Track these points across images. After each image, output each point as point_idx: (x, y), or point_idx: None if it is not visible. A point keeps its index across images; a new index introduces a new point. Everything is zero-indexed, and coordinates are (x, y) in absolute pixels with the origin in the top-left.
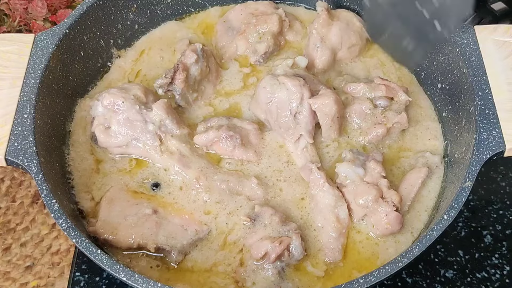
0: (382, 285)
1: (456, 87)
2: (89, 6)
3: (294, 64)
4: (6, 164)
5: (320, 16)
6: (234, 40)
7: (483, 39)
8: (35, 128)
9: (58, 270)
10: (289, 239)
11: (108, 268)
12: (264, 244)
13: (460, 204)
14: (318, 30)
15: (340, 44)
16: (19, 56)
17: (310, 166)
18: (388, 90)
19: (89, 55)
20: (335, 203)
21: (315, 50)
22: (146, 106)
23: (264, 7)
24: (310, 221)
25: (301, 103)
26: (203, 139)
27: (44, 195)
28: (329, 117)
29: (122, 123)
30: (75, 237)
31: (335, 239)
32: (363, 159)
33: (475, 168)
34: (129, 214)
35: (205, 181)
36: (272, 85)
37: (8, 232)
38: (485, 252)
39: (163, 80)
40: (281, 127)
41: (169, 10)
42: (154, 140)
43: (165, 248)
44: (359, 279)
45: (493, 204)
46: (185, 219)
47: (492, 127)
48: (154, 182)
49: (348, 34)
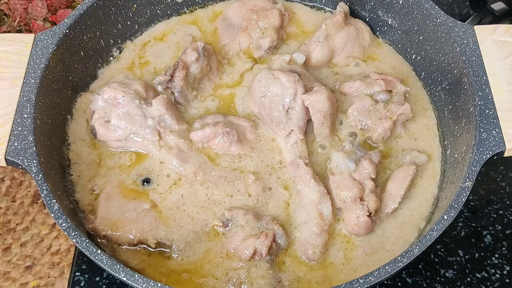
0: (382, 285)
1: (456, 87)
2: (89, 6)
3: (291, 60)
4: (6, 164)
5: (335, 15)
6: (237, 37)
7: (483, 39)
8: (35, 128)
9: (58, 270)
10: (272, 231)
11: (108, 268)
12: (249, 243)
13: (460, 204)
14: (328, 27)
15: (341, 49)
16: (19, 56)
17: (298, 162)
18: (387, 84)
19: (89, 55)
20: (319, 200)
21: (315, 44)
22: (146, 101)
23: (263, 3)
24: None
25: (294, 98)
26: (199, 136)
27: (44, 195)
28: (321, 113)
29: (121, 117)
30: (75, 237)
31: (316, 236)
32: (360, 155)
33: (475, 168)
34: (128, 209)
35: (202, 176)
36: (267, 79)
37: (8, 232)
38: (485, 252)
39: (163, 77)
40: (273, 121)
41: (169, 10)
42: (153, 134)
43: (166, 243)
44: (359, 279)
45: (493, 204)
46: (184, 214)
47: (492, 127)
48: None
49: (352, 44)
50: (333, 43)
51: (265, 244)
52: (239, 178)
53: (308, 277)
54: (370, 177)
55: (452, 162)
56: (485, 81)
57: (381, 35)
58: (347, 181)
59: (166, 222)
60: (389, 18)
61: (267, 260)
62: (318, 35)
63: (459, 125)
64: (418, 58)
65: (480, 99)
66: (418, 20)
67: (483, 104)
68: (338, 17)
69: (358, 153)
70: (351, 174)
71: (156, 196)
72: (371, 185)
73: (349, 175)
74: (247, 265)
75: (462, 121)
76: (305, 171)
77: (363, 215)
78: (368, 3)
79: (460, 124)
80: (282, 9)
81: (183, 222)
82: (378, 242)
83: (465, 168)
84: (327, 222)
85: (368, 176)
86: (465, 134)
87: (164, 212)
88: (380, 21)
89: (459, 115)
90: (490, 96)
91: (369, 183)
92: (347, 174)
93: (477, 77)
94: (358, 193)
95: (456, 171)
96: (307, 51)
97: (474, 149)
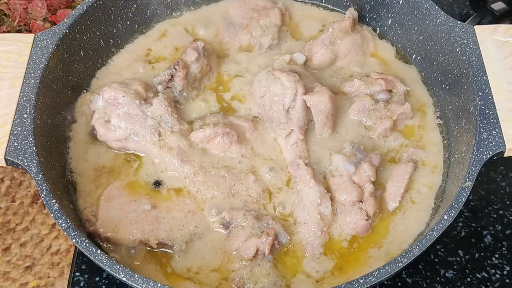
0: (382, 285)
1: (456, 87)
2: (89, 6)
3: (291, 60)
4: (6, 164)
5: (344, 20)
6: (238, 35)
7: (483, 39)
8: (35, 128)
9: (58, 270)
10: (273, 230)
11: (108, 268)
12: (251, 243)
13: (460, 204)
14: (335, 31)
15: (345, 55)
16: (19, 56)
17: (298, 162)
18: (387, 83)
19: (89, 55)
20: (320, 200)
21: (319, 46)
22: (146, 101)
23: (263, 2)
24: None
25: (294, 98)
26: (200, 136)
27: (44, 195)
28: (324, 114)
29: (122, 117)
30: (75, 237)
31: (316, 236)
32: (360, 157)
33: (475, 168)
34: (129, 211)
35: (203, 177)
36: (267, 79)
37: (8, 232)
38: (485, 252)
39: (163, 77)
40: (273, 121)
41: (169, 10)
42: (153, 134)
43: (167, 243)
44: (359, 279)
45: (493, 204)
46: (184, 213)
47: (492, 127)
48: (154, 179)
49: (356, 52)
50: (337, 48)
51: (267, 242)
52: (239, 178)
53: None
54: (370, 180)
55: (452, 162)
56: (485, 81)
57: (381, 35)
58: (347, 184)
59: (167, 222)
60: (389, 18)
61: (269, 260)
62: (324, 38)
63: (459, 125)
64: (418, 58)
65: (480, 99)
66: (418, 20)
67: (483, 104)
68: (346, 22)
69: (358, 155)
70: (351, 177)
71: (157, 196)
72: (370, 188)
73: (348, 178)
74: (250, 264)
75: (462, 121)
76: (305, 171)
77: (362, 219)
78: (368, 2)
79: (460, 124)
80: (283, 8)
81: (184, 222)
82: (380, 240)
83: (465, 168)
84: (327, 222)
85: (368, 179)
86: (465, 134)
87: (165, 212)
88: (380, 21)
89: (459, 115)
90: (490, 96)
91: (369, 186)
92: (346, 177)
93: (477, 77)
94: (357, 197)
95: (456, 171)
96: (310, 52)
97: (474, 149)
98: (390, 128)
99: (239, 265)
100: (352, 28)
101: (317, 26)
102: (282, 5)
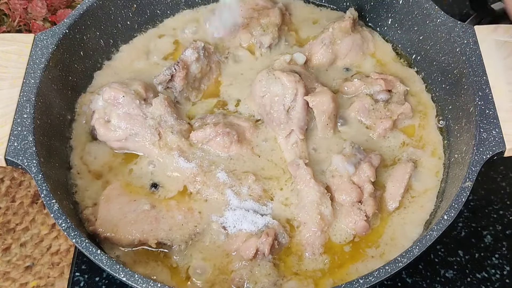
0: (382, 285)
1: (456, 87)
2: (89, 6)
3: (291, 60)
4: (6, 164)
5: (344, 21)
6: (238, 34)
7: (483, 39)
8: (35, 128)
9: (58, 270)
10: (273, 229)
11: (108, 268)
12: (251, 243)
13: (460, 204)
14: (335, 31)
15: (344, 55)
16: (19, 56)
17: (298, 162)
18: (387, 83)
19: (89, 55)
20: (320, 200)
21: (319, 46)
22: (146, 102)
23: (263, 2)
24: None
25: (295, 98)
26: (200, 136)
27: (44, 195)
28: (326, 114)
29: (122, 117)
30: (75, 237)
31: (316, 236)
32: (360, 157)
33: (475, 168)
34: (128, 211)
35: (203, 177)
36: (268, 79)
37: (8, 232)
38: (485, 252)
39: (163, 77)
40: (273, 121)
41: (168, 10)
42: (153, 135)
43: (166, 242)
44: (359, 279)
45: (493, 204)
46: (184, 213)
47: (492, 127)
48: (154, 178)
49: (356, 52)
50: (337, 48)
51: (267, 242)
52: (239, 178)
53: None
54: (370, 181)
55: (452, 162)
56: (485, 81)
57: (381, 35)
58: (346, 184)
59: (167, 222)
60: (389, 18)
61: (269, 260)
62: (324, 38)
63: (459, 125)
64: (418, 58)
65: (480, 99)
66: (418, 20)
67: (483, 104)
68: (346, 22)
69: (358, 155)
70: (350, 177)
71: (157, 196)
72: (370, 188)
73: (348, 179)
74: (250, 264)
75: (462, 121)
76: (305, 171)
77: (361, 220)
78: (368, 2)
79: (460, 124)
80: (283, 8)
81: (184, 222)
82: (379, 240)
83: (465, 168)
84: (327, 222)
85: (367, 180)
86: (465, 134)
87: (165, 212)
88: (380, 21)
89: (459, 115)
90: (490, 96)
91: (368, 187)
92: (346, 178)
93: (477, 77)
94: (357, 197)
95: (456, 171)
96: (310, 52)
97: (474, 149)
98: (390, 128)
99: (239, 265)
100: (352, 28)
101: (317, 26)
102: (282, 5)
